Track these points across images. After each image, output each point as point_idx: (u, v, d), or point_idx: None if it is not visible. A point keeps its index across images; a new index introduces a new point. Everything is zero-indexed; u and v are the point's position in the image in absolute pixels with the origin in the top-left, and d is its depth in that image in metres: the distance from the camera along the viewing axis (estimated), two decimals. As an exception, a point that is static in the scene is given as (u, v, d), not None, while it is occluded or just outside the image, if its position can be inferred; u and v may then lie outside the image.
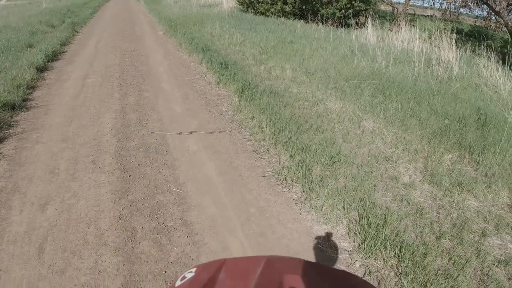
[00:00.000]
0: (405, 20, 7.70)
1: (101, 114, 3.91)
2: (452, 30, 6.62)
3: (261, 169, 3.06)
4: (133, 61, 6.45)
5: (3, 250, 2.02)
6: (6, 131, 3.40)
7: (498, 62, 5.95)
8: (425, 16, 12.94)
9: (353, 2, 9.79)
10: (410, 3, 10.87)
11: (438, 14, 12.29)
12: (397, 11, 10.60)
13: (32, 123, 3.60)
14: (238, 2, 14.04)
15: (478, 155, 3.12)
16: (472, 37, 8.61)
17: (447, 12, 12.58)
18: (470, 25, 14.71)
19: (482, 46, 6.59)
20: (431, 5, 11.95)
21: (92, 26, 11.05)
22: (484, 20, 13.72)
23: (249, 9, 13.07)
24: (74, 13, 13.33)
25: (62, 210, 2.35)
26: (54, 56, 6.36)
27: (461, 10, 13.91)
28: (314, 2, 10.27)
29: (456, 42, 6.14)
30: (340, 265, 2.10)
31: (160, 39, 9.09)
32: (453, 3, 11.36)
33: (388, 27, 7.93)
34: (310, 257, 2.13)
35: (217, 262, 0.49)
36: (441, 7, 11.80)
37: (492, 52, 6.26)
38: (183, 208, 2.47)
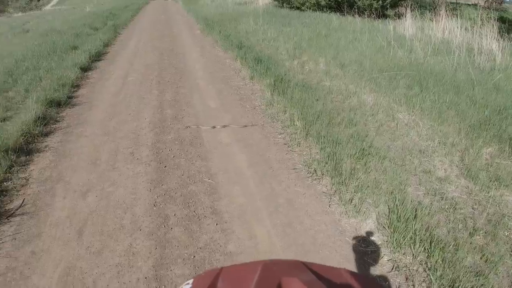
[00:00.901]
0: (447, 9, 7.31)
1: (140, 110, 4.12)
2: (495, 19, 6.21)
3: (291, 161, 3.08)
4: (170, 60, 6.68)
5: (45, 233, 2.21)
6: (52, 126, 3.68)
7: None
8: (469, 5, 12.22)
9: (391, -9, 9.47)
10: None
11: (482, 3, 11.55)
12: (437, 0, 10.10)
13: (76, 119, 3.87)
14: (273, -2, 14.04)
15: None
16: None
17: (491, 1, 11.81)
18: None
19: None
20: None
21: (132, 28, 11.54)
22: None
23: (284, 4, 13.02)
24: (116, 16, 13.97)
25: (102, 197, 2.53)
26: (97, 57, 6.74)
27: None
28: (350, -6, 10.05)
29: (500, 31, 5.75)
30: (367, 259, 2.09)
31: (196, 37, 9.32)
32: None
33: (428, 17, 7.57)
34: (337, 249, 2.14)
35: (214, 271, 0.47)
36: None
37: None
38: (213, 198, 2.56)
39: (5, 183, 2.69)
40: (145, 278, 1.89)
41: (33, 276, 1.91)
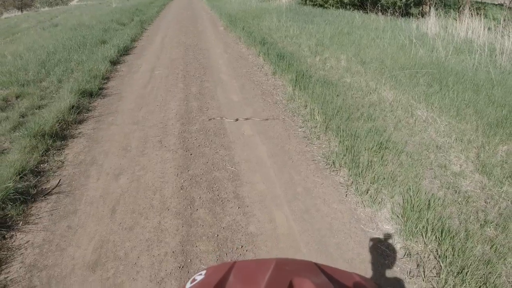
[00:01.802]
0: (471, 9, 7.22)
1: (167, 102, 4.32)
2: None
3: (310, 154, 3.21)
4: (195, 55, 6.88)
5: (80, 210, 2.42)
6: (85, 114, 3.93)
7: None
8: (495, 5, 11.93)
9: (415, -10, 9.42)
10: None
11: (507, 2, 11.26)
12: (462, -1, 9.95)
13: (107, 108, 4.11)
14: (296, -5, 14.11)
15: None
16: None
17: None
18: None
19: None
20: None
21: (158, 23, 11.84)
22: None
23: (307, 1, 13.07)
24: (142, 12, 14.32)
25: (133, 179, 2.73)
26: (125, 51, 7.01)
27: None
28: (374, -8, 10.03)
29: None
30: (381, 246, 2.20)
31: (220, 34, 9.50)
32: None
33: (452, 16, 7.49)
34: (352, 235, 2.25)
35: (227, 265, 0.48)
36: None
37: None
38: (236, 184, 2.72)
39: (41, 165, 2.92)
40: (173, 252, 2.07)
41: (69, 248, 2.11)
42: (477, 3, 11.04)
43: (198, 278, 0.48)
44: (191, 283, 0.47)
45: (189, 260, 2.02)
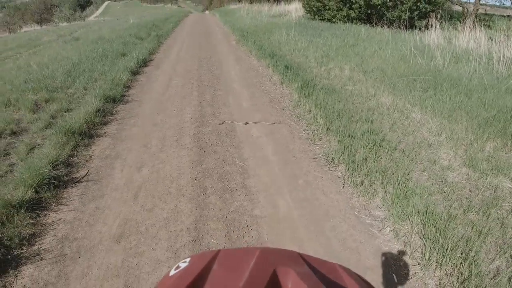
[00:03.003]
0: (476, 20, 7.50)
1: (183, 107, 4.71)
2: None
3: (312, 152, 3.52)
4: (209, 66, 7.31)
5: (107, 195, 2.77)
6: (109, 117, 4.34)
7: None
8: (503, 16, 12.15)
9: (418, 4, 9.73)
10: (482, 3, 10.40)
11: None
12: (467, 11, 10.21)
13: (129, 113, 4.51)
14: (305, 11, 14.58)
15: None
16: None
17: None
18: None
19: None
20: (503, 4, 11.16)
21: (174, 38, 12.43)
22: None
23: (316, 16, 13.51)
24: (158, 27, 15.01)
25: (153, 171, 3.08)
26: (144, 63, 7.50)
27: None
28: (379, 6, 10.40)
29: None
30: (372, 229, 2.47)
31: (232, 47, 9.97)
32: None
33: (457, 28, 7.79)
34: (346, 220, 2.54)
35: (211, 253, 0.49)
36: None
37: None
38: (244, 176, 3.04)
39: (71, 158, 3.30)
40: (187, 228, 2.39)
41: (97, 224, 2.45)
42: (484, 15, 11.29)
43: (182, 265, 0.48)
44: (175, 270, 0.48)
45: (201, 236, 2.34)
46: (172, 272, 0.48)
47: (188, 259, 0.50)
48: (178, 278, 0.45)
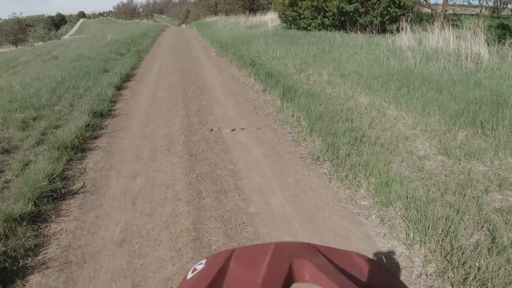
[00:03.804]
0: (445, 21, 7.97)
1: (170, 118, 4.85)
2: (496, 27, 6.82)
3: (298, 153, 3.71)
4: (191, 78, 7.47)
5: (105, 204, 2.87)
6: (99, 131, 4.43)
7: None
8: (472, 15, 12.82)
9: (389, 8, 10.24)
10: (450, 3, 11.00)
11: (485, 12, 12.11)
12: (435, 12, 10.78)
13: (118, 126, 4.62)
14: (281, 21, 14.99)
15: (489, 130, 3.53)
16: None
17: (495, 10, 12.37)
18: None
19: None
20: (470, 3, 11.83)
21: (154, 52, 12.55)
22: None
23: (292, 25, 13.92)
24: (137, 43, 15.10)
25: (148, 179, 3.20)
26: (127, 78, 7.60)
27: (509, 6, 13.46)
28: (352, 13, 10.86)
29: (499, 38, 6.39)
30: (359, 217, 2.66)
31: (213, 59, 10.17)
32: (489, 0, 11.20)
33: (427, 29, 8.24)
34: (335, 211, 2.72)
35: (226, 253, 0.49)
36: (486, 3, 11.62)
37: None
38: (236, 178, 3.20)
39: (66, 172, 3.38)
40: (187, 229, 2.52)
41: (99, 231, 2.55)
42: (452, 15, 11.88)
43: (199, 267, 0.48)
44: (192, 273, 0.48)
45: (201, 234, 2.47)
46: (190, 275, 0.48)
47: (204, 261, 0.50)
48: (196, 280, 0.46)
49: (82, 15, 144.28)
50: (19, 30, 42.45)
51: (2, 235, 2.41)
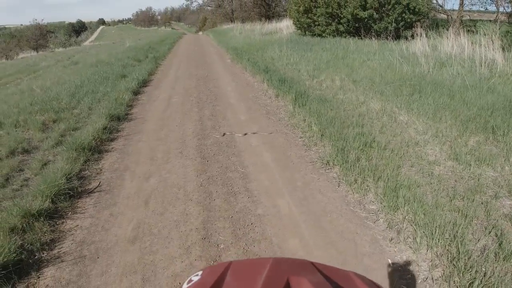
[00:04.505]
0: (460, 27, 7.92)
1: (184, 123, 4.97)
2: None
3: (309, 157, 3.75)
4: (206, 84, 7.62)
5: (119, 202, 2.98)
6: (115, 134, 4.58)
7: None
8: (490, 21, 12.63)
9: (403, 15, 10.20)
10: (467, 9, 10.90)
11: (503, 17, 11.91)
12: (451, 18, 10.68)
13: (134, 129, 4.76)
14: (296, 27, 15.10)
15: (501, 135, 3.51)
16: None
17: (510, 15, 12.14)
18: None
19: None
20: (486, 9, 11.65)
21: (170, 59, 12.82)
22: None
23: (306, 32, 14.00)
24: (155, 49, 15.44)
25: (161, 180, 3.31)
26: (144, 83, 7.81)
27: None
28: (366, 19, 10.87)
29: (503, 43, 6.31)
30: (367, 221, 2.69)
31: (228, 65, 10.33)
32: (507, 5, 10.97)
33: (442, 35, 8.19)
34: (342, 215, 2.75)
35: (223, 265, 0.48)
36: (504, 9, 11.42)
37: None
38: (246, 181, 3.27)
39: (83, 172, 3.52)
40: (196, 228, 2.60)
41: (112, 228, 2.65)
42: (469, 21, 11.75)
43: (195, 279, 0.48)
44: (187, 284, 0.47)
45: (210, 234, 2.54)
46: (185, 286, 0.48)
47: (200, 272, 0.50)
48: None
49: (102, 22, 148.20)
50: (40, 36, 43.91)
51: (20, 229, 2.53)
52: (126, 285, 2.12)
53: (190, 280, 0.49)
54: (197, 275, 0.50)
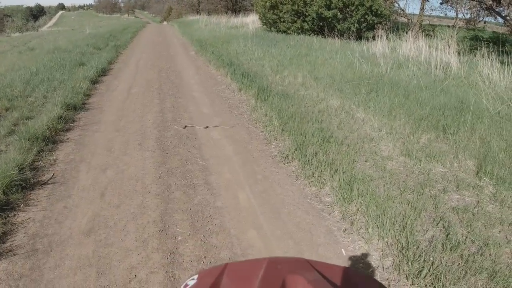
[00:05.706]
0: (420, 31, 8.34)
1: (144, 114, 4.86)
2: (470, 38, 7.19)
3: (269, 151, 3.82)
4: (169, 76, 7.48)
5: (74, 195, 2.89)
6: (71, 124, 4.41)
7: (503, 63, 6.36)
8: (448, 26, 13.37)
9: (366, 16, 10.58)
10: (427, 14, 11.50)
11: (461, 23, 12.69)
12: (411, 22, 11.22)
13: (91, 119, 4.60)
14: (262, 23, 15.16)
15: (451, 134, 3.78)
16: (491, 43, 8.92)
17: (470, 21, 12.99)
18: (494, 32, 14.92)
19: (495, 51, 6.97)
20: (446, 14, 12.41)
21: (132, 48, 12.43)
22: (506, 26, 13.94)
23: (272, 28, 14.12)
24: (116, 38, 14.90)
25: (118, 172, 3.23)
26: (103, 72, 7.54)
27: (486, 18, 14.15)
28: (330, 19, 11.15)
29: (471, 49, 6.76)
30: (323, 213, 2.78)
31: (191, 57, 10.19)
32: (466, 12, 11.77)
33: (402, 38, 8.58)
34: (300, 207, 2.83)
35: (219, 268, 0.48)
36: (463, 16, 12.20)
37: (503, 55, 6.69)
38: (205, 174, 3.27)
39: (36, 163, 3.37)
40: (154, 221, 2.58)
41: (66, 221, 2.56)
42: (428, 25, 12.37)
43: (191, 283, 0.47)
44: None
45: (167, 226, 2.53)
46: None
47: (195, 276, 0.49)
48: None
49: (61, 7, 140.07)
50: (-4, 20, 40.95)
51: (-31, 222, 2.39)
52: (80, 278, 2.07)
53: (186, 285, 0.49)
54: (193, 279, 0.49)
